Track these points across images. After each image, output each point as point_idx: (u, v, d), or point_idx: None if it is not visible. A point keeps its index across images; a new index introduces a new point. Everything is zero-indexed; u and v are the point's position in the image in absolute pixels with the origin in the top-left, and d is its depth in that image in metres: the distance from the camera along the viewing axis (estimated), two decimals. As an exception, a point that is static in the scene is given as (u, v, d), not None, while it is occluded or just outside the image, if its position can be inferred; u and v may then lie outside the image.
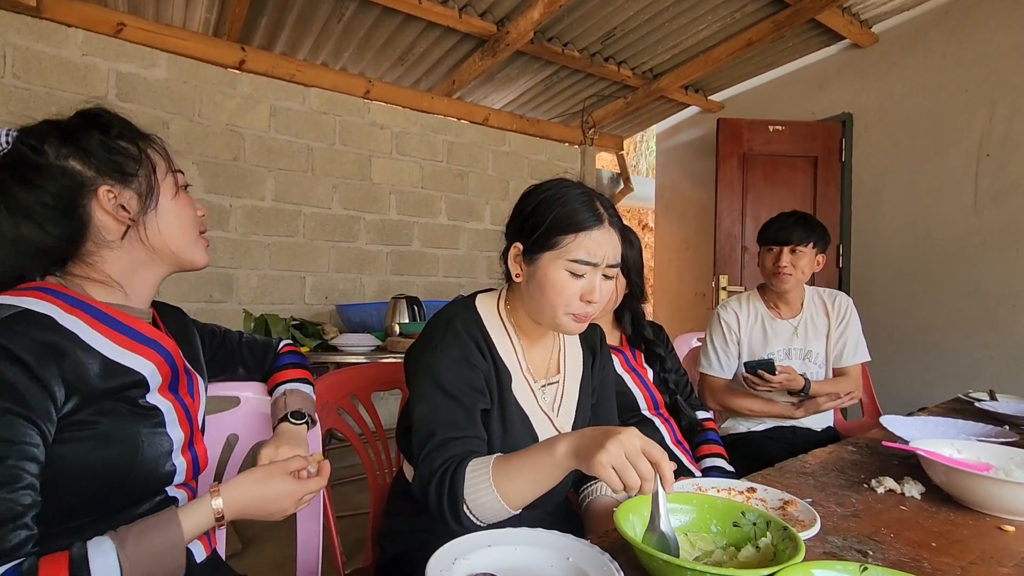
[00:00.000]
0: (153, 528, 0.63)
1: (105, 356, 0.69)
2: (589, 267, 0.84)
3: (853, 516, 0.81)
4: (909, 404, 2.67)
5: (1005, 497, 0.80)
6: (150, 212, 0.73)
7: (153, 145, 0.77)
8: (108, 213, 0.71)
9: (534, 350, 0.96)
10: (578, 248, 0.83)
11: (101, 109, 0.75)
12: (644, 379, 1.40)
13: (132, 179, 0.72)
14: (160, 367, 0.75)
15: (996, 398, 1.71)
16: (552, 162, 4.28)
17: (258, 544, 2.19)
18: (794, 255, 1.71)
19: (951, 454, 0.96)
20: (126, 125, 0.76)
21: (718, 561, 0.63)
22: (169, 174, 0.77)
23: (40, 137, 0.69)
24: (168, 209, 0.76)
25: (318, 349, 2.42)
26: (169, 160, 0.78)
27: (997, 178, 2.70)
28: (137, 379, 0.72)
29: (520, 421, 0.90)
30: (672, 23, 3.05)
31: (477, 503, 0.74)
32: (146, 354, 0.74)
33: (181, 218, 0.77)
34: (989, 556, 0.69)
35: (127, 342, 0.72)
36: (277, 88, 3.14)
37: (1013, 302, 2.64)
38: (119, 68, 2.72)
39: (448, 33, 3.03)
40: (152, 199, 0.74)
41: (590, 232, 0.84)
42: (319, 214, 3.30)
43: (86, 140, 0.70)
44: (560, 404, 0.97)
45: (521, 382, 0.92)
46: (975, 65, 2.78)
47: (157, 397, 0.75)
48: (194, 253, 0.80)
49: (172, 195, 0.77)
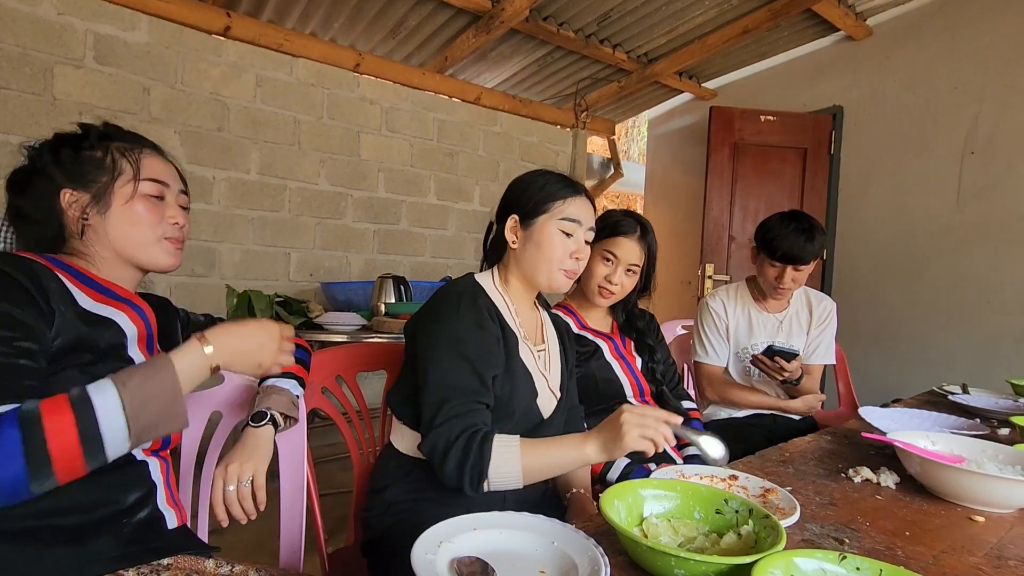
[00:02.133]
0: (151, 373, 0.65)
1: (80, 306, 0.75)
2: (577, 225, 1.00)
3: (831, 504, 0.83)
4: (884, 394, 2.74)
5: (976, 488, 0.83)
6: (101, 215, 0.80)
7: (130, 156, 0.83)
8: (70, 213, 0.80)
9: (524, 318, 1.07)
10: (567, 209, 1.01)
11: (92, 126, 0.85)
12: (632, 367, 1.42)
13: (91, 185, 0.81)
14: (134, 320, 0.81)
15: (968, 391, 1.76)
16: (544, 144, 4.24)
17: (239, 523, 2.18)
18: (798, 272, 1.69)
19: (926, 446, 0.99)
20: (112, 134, 0.84)
21: (701, 547, 0.64)
22: (132, 183, 0.82)
23: (39, 149, 0.82)
24: (118, 214, 0.81)
25: (303, 327, 2.39)
26: (138, 170, 0.83)
27: (980, 175, 2.74)
28: (114, 328, 0.77)
29: (524, 380, 0.99)
30: (669, 7, 3.02)
31: (499, 475, 0.84)
32: (120, 307, 0.80)
33: (130, 223, 0.82)
34: (960, 545, 0.72)
35: (102, 298, 0.79)
36: (263, 57, 3.05)
37: (989, 298, 2.71)
38: (97, 29, 2.61)
39: (442, 7, 2.96)
40: (103, 203, 0.80)
41: (574, 199, 1.02)
42: (305, 189, 3.24)
43: (61, 151, 0.81)
44: (549, 365, 1.08)
45: (523, 345, 1.02)
46: (965, 62, 2.80)
47: (136, 351, 0.80)
48: (151, 256, 0.84)
49: (124, 201, 0.82)
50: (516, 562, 0.61)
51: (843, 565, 0.54)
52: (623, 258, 1.36)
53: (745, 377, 1.82)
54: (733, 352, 1.82)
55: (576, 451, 0.84)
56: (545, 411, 1.03)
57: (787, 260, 1.66)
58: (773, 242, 1.67)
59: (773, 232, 1.68)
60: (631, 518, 0.68)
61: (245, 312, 2.37)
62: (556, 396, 1.06)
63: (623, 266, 1.36)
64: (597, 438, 0.83)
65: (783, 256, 1.66)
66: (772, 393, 1.80)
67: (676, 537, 0.66)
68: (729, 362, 1.83)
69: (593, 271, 1.38)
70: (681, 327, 2.24)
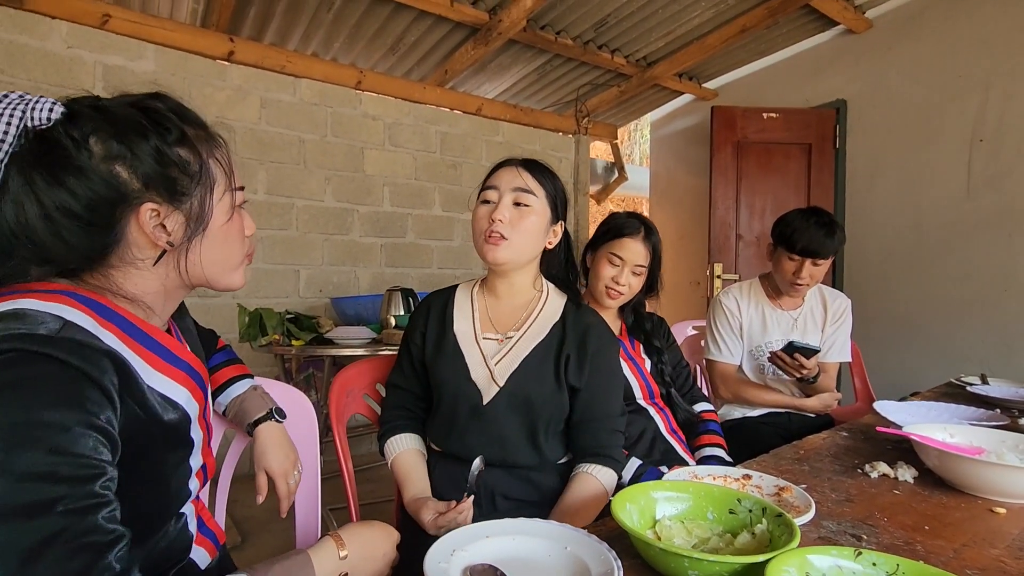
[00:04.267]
0: (291, 572, 0.60)
1: (149, 386, 0.60)
2: (493, 191, 1.04)
3: (847, 501, 0.82)
4: (901, 388, 2.69)
5: (996, 480, 0.81)
6: (195, 238, 0.62)
7: (217, 154, 0.65)
8: (146, 234, 0.60)
9: (500, 307, 1.10)
10: (487, 182, 1.06)
11: (165, 100, 0.63)
12: (641, 368, 1.41)
13: (184, 199, 0.61)
14: (194, 393, 0.68)
15: (988, 382, 1.73)
16: (546, 152, 4.26)
17: (257, 536, 2.20)
18: (816, 267, 1.68)
19: (944, 438, 0.97)
20: (191, 123, 0.64)
21: (715, 548, 0.64)
22: (228, 192, 0.65)
23: (87, 128, 0.56)
24: (217, 236, 0.64)
25: (314, 343, 2.41)
26: (231, 174, 0.66)
27: (990, 163, 2.71)
28: (182, 413, 0.65)
29: (455, 356, 1.05)
30: (665, 10, 3.03)
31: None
32: (180, 379, 0.65)
33: (228, 246, 0.66)
34: (981, 538, 0.70)
35: (164, 366, 0.63)
36: (267, 79, 3.10)
37: (1004, 286, 2.66)
38: (105, 60, 2.68)
39: (440, 22, 3.00)
40: (201, 224, 0.62)
41: (498, 171, 1.07)
42: (312, 207, 3.27)
43: (139, 144, 0.58)
44: (507, 354, 1.04)
45: (465, 324, 1.08)
46: (969, 50, 2.77)
47: (196, 429, 0.68)
48: (232, 279, 0.70)
49: (226, 219, 0.65)
50: (530, 569, 0.61)
51: (859, 561, 0.53)
52: (629, 259, 1.37)
53: (759, 375, 1.81)
54: (747, 350, 1.81)
55: None
56: (485, 393, 1.00)
57: (807, 254, 1.66)
58: (793, 236, 1.67)
59: (793, 226, 1.69)
60: (644, 521, 0.68)
61: (257, 330, 2.39)
62: (497, 384, 1.01)
63: (629, 267, 1.37)
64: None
65: (803, 250, 1.66)
66: (787, 391, 1.79)
67: (690, 538, 0.65)
68: (743, 360, 1.81)
69: (600, 273, 1.39)
70: (692, 328, 2.23)
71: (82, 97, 0.60)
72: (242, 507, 2.34)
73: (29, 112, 0.55)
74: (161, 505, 0.66)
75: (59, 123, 0.56)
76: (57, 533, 0.47)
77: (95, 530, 0.49)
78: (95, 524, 0.49)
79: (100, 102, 0.59)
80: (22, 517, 0.46)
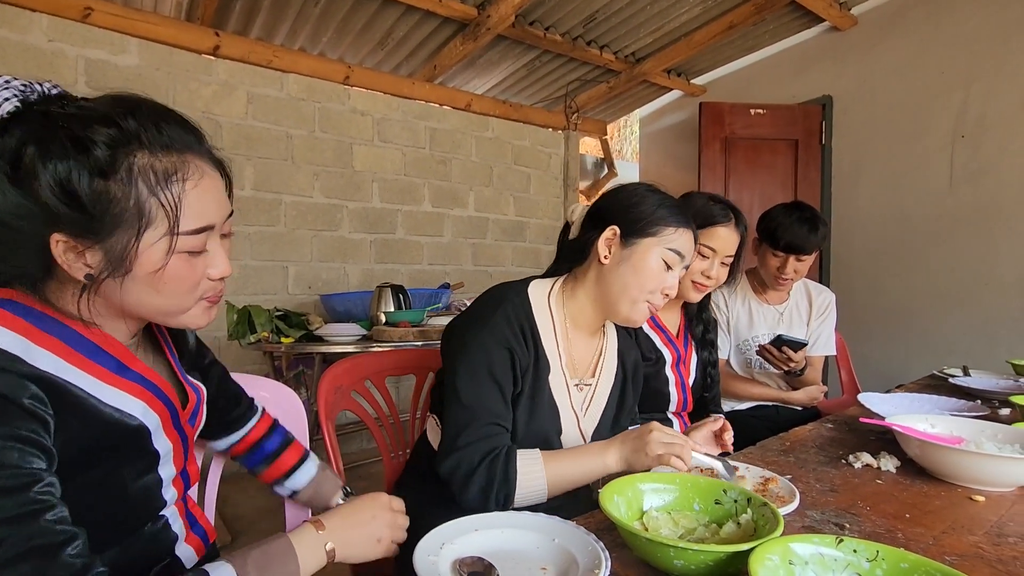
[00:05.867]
0: (272, 561, 0.59)
1: (97, 398, 0.58)
2: (679, 259, 0.93)
3: (831, 491, 0.83)
4: (888, 381, 2.74)
5: (975, 468, 0.83)
6: (115, 279, 0.57)
7: (165, 194, 0.56)
8: (62, 264, 0.55)
9: (578, 346, 0.99)
10: (677, 240, 0.93)
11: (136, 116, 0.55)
12: (684, 382, 1.39)
13: (101, 236, 0.54)
14: (151, 404, 0.64)
15: (969, 373, 1.76)
16: (536, 148, 4.26)
17: (247, 535, 2.19)
18: (800, 262, 1.69)
19: (925, 428, 0.99)
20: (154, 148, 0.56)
21: (701, 538, 0.65)
22: (166, 237, 0.57)
23: (18, 135, 0.53)
24: (145, 281, 0.58)
25: (303, 340, 2.40)
26: (176, 219, 0.57)
27: (972, 159, 2.75)
28: (138, 424, 0.62)
29: (549, 411, 0.94)
30: (654, 6, 3.04)
31: (524, 493, 0.83)
32: (133, 391, 0.62)
33: (163, 293, 0.59)
34: (960, 525, 0.72)
35: (112, 378, 0.61)
36: (254, 74, 3.07)
37: (986, 280, 2.71)
38: (88, 55, 2.63)
39: (428, 17, 2.98)
40: (120, 268, 0.56)
41: (685, 231, 0.94)
42: (300, 203, 3.25)
43: (49, 169, 0.52)
44: (589, 406, 1.00)
45: (558, 375, 0.95)
46: (951, 47, 2.81)
47: (161, 440, 0.66)
48: (179, 322, 0.64)
49: (157, 266, 0.57)
50: (518, 560, 0.61)
51: (840, 549, 0.54)
52: (721, 250, 1.26)
53: (746, 369, 1.83)
54: (734, 345, 1.83)
55: (598, 461, 0.84)
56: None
57: (790, 250, 1.67)
58: (776, 232, 1.68)
59: (776, 222, 1.69)
60: (631, 512, 0.69)
61: (246, 328, 2.37)
62: (585, 440, 0.98)
63: (720, 258, 1.27)
64: (620, 449, 0.83)
65: (787, 246, 1.67)
66: (774, 385, 1.81)
67: (676, 529, 0.66)
68: (730, 355, 1.83)
69: (690, 268, 1.26)
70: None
71: (50, 97, 0.56)
72: (232, 506, 2.33)
73: None
74: (126, 511, 0.64)
75: (2, 120, 0.54)
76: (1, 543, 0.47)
77: (42, 532, 0.49)
78: (40, 528, 0.49)
79: (63, 108, 0.55)
80: None
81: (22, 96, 0.55)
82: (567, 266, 1.01)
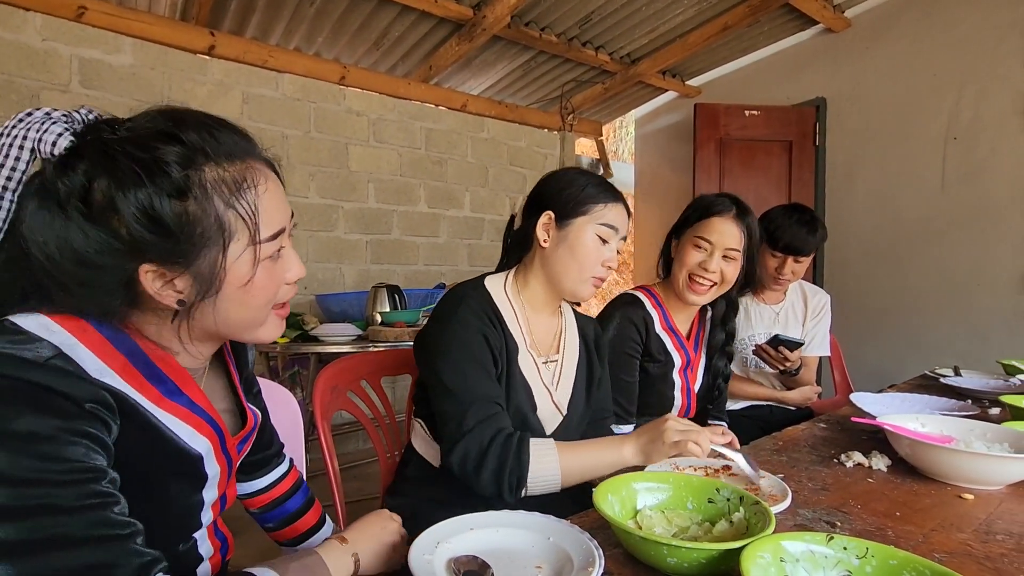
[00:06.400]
0: (308, 571, 0.61)
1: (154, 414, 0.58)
2: (614, 232, 0.97)
3: (823, 490, 0.84)
4: (881, 381, 2.76)
5: (965, 467, 0.84)
6: (206, 299, 0.57)
7: (240, 203, 0.56)
8: (153, 293, 0.55)
9: (539, 327, 1.03)
10: (607, 215, 0.97)
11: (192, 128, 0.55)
12: (691, 388, 1.39)
13: (189, 260, 0.54)
14: (200, 429, 0.64)
15: (960, 373, 1.78)
16: (531, 148, 4.26)
17: (245, 534, 2.17)
18: (798, 263, 1.72)
19: (916, 428, 1.00)
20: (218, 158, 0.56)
21: (693, 536, 0.65)
22: (250, 247, 0.57)
23: (83, 171, 0.51)
24: (233, 297, 0.58)
25: (299, 340, 2.40)
26: (256, 225, 0.57)
27: (963, 161, 2.77)
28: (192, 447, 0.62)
29: (523, 390, 0.97)
30: (649, 7, 3.05)
31: (537, 480, 0.83)
32: (185, 417, 0.62)
33: (248, 306, 0.60)
34: (949, 523, 0.73)
35: (169, 404, 0.60)
36: (249, 74, 3.06)
37: (978, 280, 2.73)
38: (81, 54, 2.62)
39: (424, 17, 2.98)
40: (212, 288, 0.56)
41: (615, 205, 0.99)
42: (296, 203, 3.24)
43: (128, 199, 0.51)
44: (559, 380, 1.03)
45: (525, 355, 0.99)
46: (944, 49, 2.83)
47: (212, 464, 0.65)
48: (257, 335, 0.64)
49: (246, 279, 0.58)
50: (513, 559, 0.62)
51: (830, 546, 0.55)
52: (718, 242, 1.22)
53: (742, 368, 1.84)
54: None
55: (615, 453, 0.85)
56: (548, 425, 1.00)
57: (789, 251, 1.69)
58: (776, 233, 1.70)
59: (776, 223, 1.71)
60: (625, 511, 0.69)
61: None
62: (561, 413, 1.02)
63: (719, 251, 1.22)
64: (636, 441, 0.84)
65: (786, 247, 1.69)
66: (768, 385, 1.82)
67: (670, 527, 0.67)
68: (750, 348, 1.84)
69: (684, 260, 1.24)
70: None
71: (98, 123, 0.55)
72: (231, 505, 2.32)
73: (40, 135, 0.52)
74: (165, 529, 0.63)
75: (60, 160, 0.52)
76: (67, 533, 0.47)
77: (108, 523, 0.49)
78: (107, 518, 0.49)
79: (115, 132, 0.53)
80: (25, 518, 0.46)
81: (70, 128, 0.53)
82: (516, 257, 1.05)
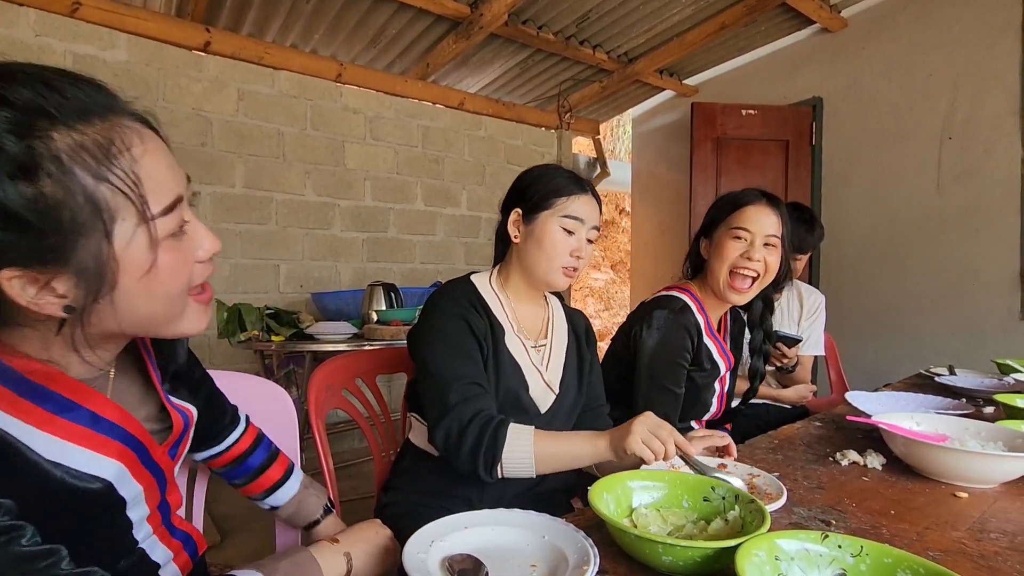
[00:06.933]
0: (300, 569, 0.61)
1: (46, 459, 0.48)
2: (579, 223, 0.99)
3: (818, 488, 0.84)
4: (876, 380, 2.77)
5: (959, 466, 0.84)
6: (99, 301, 0.46)
7: (114, 172, 0.44)
8: (24, 306, 0.44)
9: (526, 314, 1.08)
10: (569, 207, 0.99)
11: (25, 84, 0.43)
12: (723, 392, 1.39)
13: (60, 257, 0.43)
14: (117, 454, 0.54)
15: (955, 372, 1.79)
16: (528, 147, 4.26)
17: (237, 535, 2.17)
18: (796, 262, 1.76)
19: (910, 426, 1.00)
20: (70, 118, 0.43)
21: (689, 535, 0.65)
22: (142, 227, 0.46)
23: None
24: (135, 291, 0.47)
25: (294, 338, 2.39)
26: (143, 199, 0.45)
27: (958, 161, 2.78)
28: (100, 480, 0.53)
29: (512, 369, 1.00)
30: (646, 6, 3.05)
31: (511, 461, 0.85)
32: (94, 443, 0.52)
33: (156, 295, 0.49)
34: (944, 521, 0.73)
35: (70, 430, 0.50)
36: (245, 71, 3.05)
37: (973, 280, 2.74)
38: (76, 50, 2.60)
39: (421, 15, 2.97)
40: (103, 284, 0.45)
41: (579, 196, 1.01)
42: (292, 201, 3.23)
43: None
44: (548, 361, 1.07)
45: (513, 338, 1.03)
46: (939, 50, 2.84)
47: (128, 485, 0.57)
48: (177, 327, 0.54)
49: (144, 269, 0.47)
50: (508, 558, 0.61)
51: (825, 544, 0.55)
52: (758, 230, 1.18)
53: (738, 367, 1.84)
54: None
55: (590, 445, 0.85)
56: (541, 404, 1.03)
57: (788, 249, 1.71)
58: None
59: None
60: (620, 509, 0.69)
61: (236, 326, 2.36)
62: (554, 392, 1.05)
63: (760, 238, 1.17)
64: (610, 435, 0.85)
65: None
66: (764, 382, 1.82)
67: (665, 526, 0.67)
68: None
69: (724, 254, 1.19)
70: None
71: None
72: (222, 505, 2.31)
73: None
74: (89, 553, 0.54)
75: None
76: None
77: (23, 558, 0.45)
78: (18, 553, 0.44)
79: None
80: None
81: None
82: (500, 253, 1.12)
